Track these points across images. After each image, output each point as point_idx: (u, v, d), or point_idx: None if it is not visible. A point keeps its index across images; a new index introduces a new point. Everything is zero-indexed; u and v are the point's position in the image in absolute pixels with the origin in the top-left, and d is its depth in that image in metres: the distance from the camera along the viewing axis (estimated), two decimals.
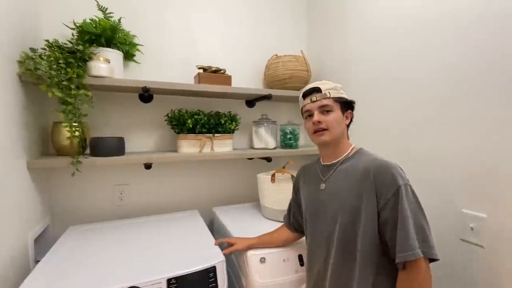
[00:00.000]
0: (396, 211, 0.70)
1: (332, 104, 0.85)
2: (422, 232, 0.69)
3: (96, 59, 1.09)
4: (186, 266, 0.88)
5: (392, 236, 0.70)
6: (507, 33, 0.81)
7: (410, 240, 0.67)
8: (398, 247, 0.68)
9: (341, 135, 0.87)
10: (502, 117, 0.83)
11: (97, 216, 1.34)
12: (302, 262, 1.03)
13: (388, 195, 0.72)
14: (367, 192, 0.75)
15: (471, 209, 0.92)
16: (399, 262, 0.68)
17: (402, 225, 0.68)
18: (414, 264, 0.67)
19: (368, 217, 0.73)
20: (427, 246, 0.68)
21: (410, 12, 1.12)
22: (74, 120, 1.01)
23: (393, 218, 0.70)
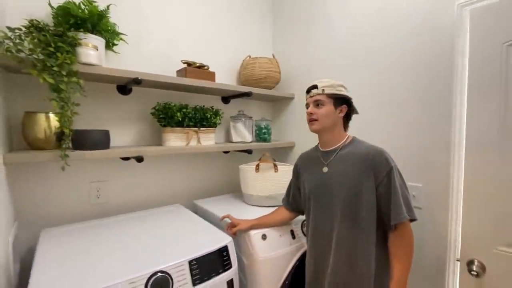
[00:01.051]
0: (389, 187, 0.91)
1: (324, 99, 1.01)
2: (407, 201, 0.93)
3: (84, 45, 1.02)
4: (202, 248, 0.94)
5: (386, 205, 0.92)
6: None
7: (400, 208, 0.89)
8: (392, 214, 0.90)
9: (332, 126, 1.03)
10: (426, 117, 1.18)
11: (71, 217, 1.22)
12: (293, 236, 1.20)
13: (383, 174, 0.92)
14: (367, 172, 0.94)
15: (413, 182, 1.25)
16: (393, 224, 0.90)
17: (394, 197, 0.90)
18: (403, 225, 0.91)
19: (368, 191, 0.93)
20: (410, 210, 0.92)
21: (371, 17, 1.42)
22: (66, 109, 0.94)
23: (387, 192, 0.91)
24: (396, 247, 0.94)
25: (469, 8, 1.06)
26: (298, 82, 1.80)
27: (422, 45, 1.20)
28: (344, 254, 0.96)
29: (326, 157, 1.06)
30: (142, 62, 1.41)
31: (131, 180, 1.40)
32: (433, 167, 1.18)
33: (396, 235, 0.93)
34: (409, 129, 1.26)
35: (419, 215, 1.21)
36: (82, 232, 1.09)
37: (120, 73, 1.12)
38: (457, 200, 1.12)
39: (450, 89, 1.12)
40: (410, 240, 0.94)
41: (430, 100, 1.19)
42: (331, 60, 1.59)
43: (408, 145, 1.26)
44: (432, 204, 1.19)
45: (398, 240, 0.94)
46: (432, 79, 1.18)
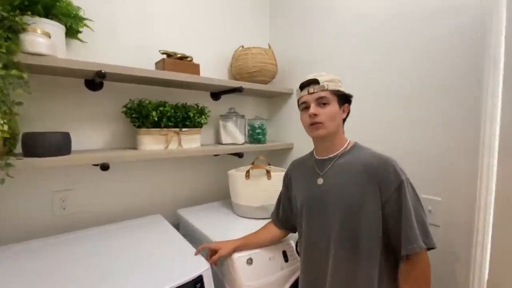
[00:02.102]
0: (400, 206, 0.73)
1: (329, 96, 0.83)
2: (423, 225, 0.74)
3: (31, 31, 0.84)
4: (169, 280, 0.77)
5: (395, 230, 0.73)
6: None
7: (414, 234, 0.71)
8: (403, 241, 0.71)
9: (337, 129, 0.86)
10: (448, 116, 0.97)
11: (30, 232, 1.06)
12: (286, 258, 1.02)
13: (391, 190, 0.74)
14: (370, 187, 0.76)
15: (429, 195, 1.05)
16: (405, 254, 0.71)
17: (406, 219, 0.71)
18: (417, 255, 0.72)
19: (372, 211, 0.75)
20: (427, 237, 0.73)
21: (374, 10, 1.20)
22: (4, 110, 0.76)
23: (397, 212, 0.73)
24: (407, 279, 0.75)
25: None
26: (298, 75, 1.59)
27: (443, 25, 0.98)
28: (342, 283, 0.79)
29: (321, 166, 0.88)
30: (116, 53, 1.23)
31: (104, 187, 1.24)
32: (455, 177, 0.98)
33: (408, 268, 0.74)
34: (425, 130, 1.05)
35: (436, 235, 1.01)
36: (42, 250, 0.93)
37: (79, 65, 0.94)
38: (484, 219, 0.92)
39: (479, 79, 0.90)
40: (426, 274, 0.74)
41: (452, 93, 0.98)
42: (335, 49, 1.38)
43: (424, 150, 1.06)
44: (453, 222, 0.98)
45: (411, 274, 0.74)
46: (455, 67, 0.96)
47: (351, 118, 0.92)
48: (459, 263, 0.97)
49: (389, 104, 1.17)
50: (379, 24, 1.19)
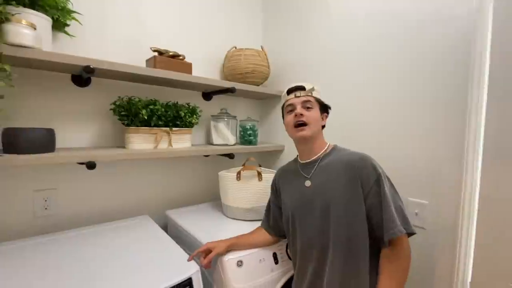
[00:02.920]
0: (379, 197, 0.79)
1: (313, 101, 0.92)
2: (401, 212, 0.80)
3: (15, 21, 0.80)
4: (157, 282, 0.75)
5: (377, 219, 0.79)
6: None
7: (394, 221, 0.76)
8: (385, 228, 0.76)
9: (318, 133, 0.93)
10: (435, 122, 1.00)
11: (9, 233, 1.01)
12: (277, 261, 1.01)
13: (371, 183, 0.80)
14: (352, 182, 0.81)
15: (416, 198, 1.07)
16: (387, 240, 0.76)
17: (385, 208, 0.77)
18: (398, 240, 0.77)
19: (357, 204, 0.80)
20: (406, 223, 0.79)
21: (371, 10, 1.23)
22: None
23: (377, 203, 0.79)
24: (388, 263, 0.79)
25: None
26: (290, 78, 1.60)
27: (433, 41, 1.02)
28: (338, 278, 0.81)
29: (306, 169, 0.92)
30: (104, 48, 1.19)
31: (89, 188, 1.19)
32: (441, 182, 1.01)
33: (390, 251, 0.79)
34: (413, 135, 1.08)
35: (422, 237, 1.04)
36: (22, 252, 0.89)
37: (66, 59, 0.90)
38: (469, 222, 0.95)
39: (465, 87, 0.93)
40: (406, 256, 0.79)
41: (439, 100, 1.01)
42: (329, 54, 1.39)
43: (412, 155, 1.08)
44: (439, 225, 1.01)
45: (390, 255, 0.79)
46: (442, 75, 0.99)
47: (343, 124, 0.94)
48: (443, 263, 0.99)
49: (379, 111, 1.19)
50: (370, 32, 1.21)
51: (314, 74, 1.46)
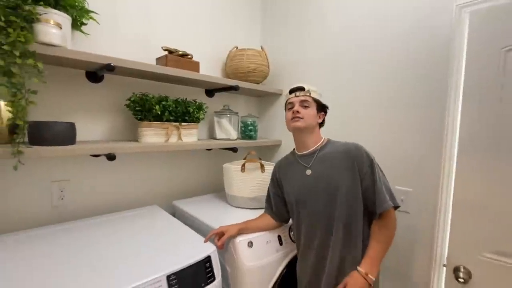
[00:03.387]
0: (373, 178, 0.93)
1: (310, 101, 1.03)
2: (389, 190, 0.95)
3: (44, 21, 0.86)
4: (182, 260, 0.85)
5: (371, 197, 0.93)
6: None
7: (384, 197, 0.92)
8: (377, 203, 0.92)
9: (313, 127, 1.04)
10: (419, 120, 1.15)
11: (27, 222, 1.06)
12: (281, 242, 1.13)
13: (366, 167, 0.94)
14: (351, 168, 0.95)
15: (402, 186, 1.22)
16: (380, 213, 0.92)
17: (378, 188, 0.92)
18: (387, 212, 0.93)
19: (356, 189, 0.94)
20: (393, 198, 0.94)
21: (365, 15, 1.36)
22: (19, 97, 0.78)
23: (371, 184, 0.93)
24: (377, 229, 0.95)
25: (468, 9, 1.02)
26: (287, 77, 1.72)
27: (417, 45, 1.16)
28: (338, 255, 0.94)
29: (306, 160, 1.05)
30: (115, 47, 1.25)
31: (102, 179, 1.25)
32: (423, 172, 1.16)
33: (380, 222, 0.95)
34: (399, 131, 1.23)
35: (407, 220, 1.20)
36: (41, 240, 0.94)
37: (90, 57, 0.97)
38: (446, 206, 1.11)
39: (444, 92, 1.09)
40: (393, 225, 0.95)
41: (422, 102, 1.15)
42: (323, 57, 1.52)
43: (399, 148, 1.23)
44: (421, 209, 1.17)
45: (381, 224, 0.94)
46: (425, 80, 1.14)
47: (337, 121, 1.06)
48: (425, 241, 1.15)
49: (370, 110, 1.33)
50: (363, 37, 1.34)
51: (310, 74, 1.58)
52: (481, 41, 0.99)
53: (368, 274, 0.87)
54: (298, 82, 1.08)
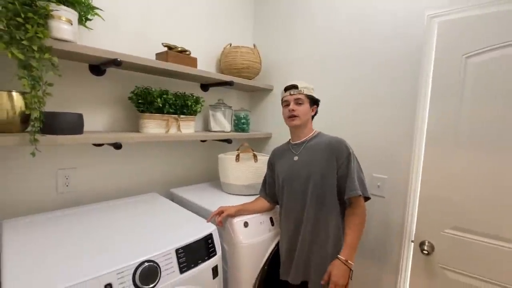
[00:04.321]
0: (348, 168, 1.07)
1: (304, 98, 1.15)
2: (362, 181, 1.09)
3: (57, 18, 0.92)
4: (187, 237, 0.95)
5: (344, 185, 1.07)
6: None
7: (354, 185, 1.05)
8: (347, 190, 1.06)
9: (307, 122, 1.18)
10: (393, 116, 1.31)
11: (34, 207, 1.12)
12: (273, 223, 1.26)
13: (342, 159, 1.08)
14: (330, 157, 1.09)
15: (379, 173, 1.39)
16: (347, 198, 1.06)
17: (350, 177, 1.06)
18: (356, 200, 1.07)
19: (332, 174, 1.08)
20: (364, 189, 1.08)
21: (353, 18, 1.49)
22: (38, 89, 0.84)
23: (345, 174, 1.07)
24: (350, 218, 1.09)
25: (437, 20, 1.18)
26: (277, 74, 1.83)
27: (395, 50, 1.31)
28: (310, 229, 1.09)
29: (296, 148, 1.19)
30: (116, 42, 1.31)
31: (103, 167, 1.32)
32: (397, 160, 1.33)
33: (350, 209, 1.09)
34: (377, 125, 1.39)
35: (382, 204, 1.37)
36: (52, 223, 1.01)
37: (98, 52, 1.03)
38: (415, 190, 1.28)
39: (416, 92, 1.25)
40: (362, 213, 1.09)
41: (397, 100, 1.31)
42: (311, 55, 1.65)
43: (376, 140, 1.39)
44: (394, 193, 1.34)
45: (352, 213, 1.09)
46: (400, 81, 1.30)
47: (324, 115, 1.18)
48: (397, 221, 1.32)
49: (352, 105, 1.47)
50: (347, 38, 1.48)
51: (298, 72, 1.71)
52: (446, 48, 1.15)
53: (348, 260, 1.03)
54: (287, 78, 1.21)
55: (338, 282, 1.00)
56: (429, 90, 1.21)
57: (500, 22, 1.04)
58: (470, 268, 1.12)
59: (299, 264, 1.10)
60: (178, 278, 0.87)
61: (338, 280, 1.00)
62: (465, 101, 1.12)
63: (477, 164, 1.10)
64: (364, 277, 1.43)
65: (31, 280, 0.67)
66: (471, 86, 1.10)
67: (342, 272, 1.01)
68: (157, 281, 0.81)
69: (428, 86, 1.22)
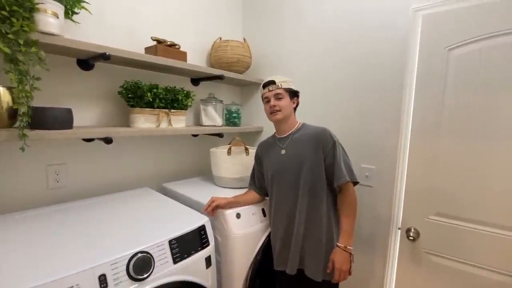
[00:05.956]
0: (334, 157, 1.11)
1: (283, 92, 1.16)
2: (349, 167, 1.13)
3: (43, 11, 0.91)
4: (180, 228, 0.97)
5: (332, 173, 1.11)
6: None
7: (342, 172, 1.09)
8: (335, 177, 1.10)
9: (289, 114, 1.20)
10: (380, 107, 1.34)
11: (24, 203, 1.12)
12: (264, 214, 1.29)
13: (328, 148, 1.11)
14: (316, 148, 1.12)
15: (367, 164, 1.43)
16: (336, 185, 1.10)
17: (337, 165, 1.10)
18: (345, 186, 1.11)
19: (320, 164, 1.11)
20: (351, 174, 1.12)
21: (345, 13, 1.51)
22: (25, 84, 0.84)
23: (332, 162, 1.11)
24: (342, 205, 1.13)
25: (421, 13, 1.21)
26: (268, 68, 1.84)
27: (381, 42, 1.34)
28: (304, 220, 1.12)
29: (282, 142, 1.21)
30: (104, 35, 1.29)
31: (94, 163, 1.32)
32: (384, 151, 1.37)
33: (341, 196, 1.14)
34: (365, 116, 1.42)
35: (370, 194, 1.41)
36: (43, 218, 1.01)
37: (86, 46, 1.02)
38: (401, 179, 1.32)
39: (401, 83, 1.28)
40: (353, 198, 1.13)
41: (383, 92, 1.35)
42: (299, 49, 1.66)
43: (364, 131, 1.42)
44: (382, 183, 1.38)
45: (343, 199, 1.13)
46: (386, 74, 1.33)
47: (312, 107, 1.20)
48: (385, 209, 1.37)
49: (340, 97, 1.50)
50: (335, 33, 1.50)
51: (287, 65, 1.72)
52: (430, 41, 1.19)
53: (347, 246, 1.08)
54: (278, 72, 1.22)
55: (342, 268, 1.05)
56: (414, 81, 1.25)
57: (481, 15, 1.07)
58: (454, 252, 1.18)
59: (295, 255, 1.13)
60: (172, 268, 0.89)
61: (342, 266, 1.05)
62: (448, 92, 1.16)
63: (460, 152, 1.15)
64: (354, 264, 1.47)
65: (24, 272, 0.68)
66: (453, 77, 1.14)
67: (344, 258, 1.07)
68: (151, 271, 0.83)
69: (413, 78, 1.25)
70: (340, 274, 1.06)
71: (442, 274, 1.21)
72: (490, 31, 1.05)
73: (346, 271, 1.07)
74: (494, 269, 1.09)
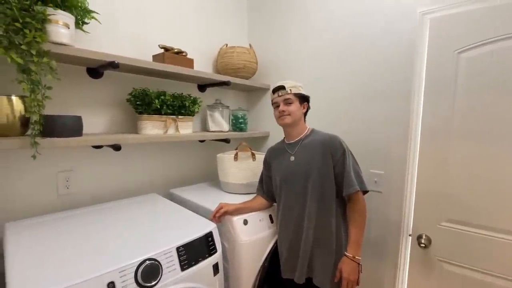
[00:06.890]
0: (343, 165, 1.09)
1: (292, 98, 1.16)
2: (359, 176, 1.11)
3: (54, 22, 0.93)
4: (188, 235, 0.97)
5: (342, 182, 1.09)
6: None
7: (352, 181, 1.07)
8: (345, 186, 1.08)
9: (299, 119, 1.19)
10: (389, 112, 1.33)
11: (36, 209, 1.14)
12: (272, 220, 1.28)
13: (338, 155, 1.10)
14: (326, 155, 1.11)
15: (375, 169, 1.40)
16: (346, 195, 1.08)
17: (347, 173, 1.08)
18: (355, 196, 1.08)
19: (329, 172, 1.10)
20: (361, 183, 1.10)
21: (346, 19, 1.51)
22: (37, 93, 0.86)
23: (342, 171, 1.09)
24: (351, 214, 1.11)
25: (429, 16, 1.20)
26: (274, 73, 1.85)
27: (388, 47, 1.33)
28: (312, 227, 1.10)
29: (291, 147, 1.20)
30: (113, 44, 1.32)
31: (103, 169, 1.33)
32: (393, 156, 1.34)
33: (350, 205, 1.11)
34: (374, 122, 1.40)
35: (379, 199, 1.39)
36: (54, 224, 1.02)
37: (95, 55, 1.04)
38: (411, 185, 1.30)
39: (410, 88, 1.27)
40: (362, 208, 1.11)
41: (391, 97, 1.33)
42: (306, 54, 1.66)
43: (373, 137, 1.41)
44: (391, 188, 1.35)
45: (352, 208, 1.11)
46: (394, 78, 1.32)
47: (320, 113, 1.19)
48: (395, 216, 1.34)
49: (349, 103, 1.49)
50: (341, 37, 1.50)
51: (294, 70, 1.72)
52: (438, 44, 1.17)
53: (355, 256, 1.06)
54: (284, 77, 1.22)
55: (350, 278, 1.04)
56: (423, 85, 1.23)
57: (490, 17, 1.06)
58: (467, 260, 1.14)
59: (303, 263, 1.11)
60: (180, 275, 0.88)
61: (349, 276, 1.04)
62: (458, 95, 1.14)
63: (471, 157, 1.12)
64: (364, 271, 1.44)
65: (35, 279, 0.69)
66: (464, 81, 1.12)
67: (352, 268, 1.05)
68: (159, 279, 0.83)
69: (422, 82, 1.24)
70: (348, 283, 1.04)
71: (455, 282, 1.18)
72: (503, 32, 1.03)
73: (354, 281, 1.04)
74: (509, 278, 1.06)
